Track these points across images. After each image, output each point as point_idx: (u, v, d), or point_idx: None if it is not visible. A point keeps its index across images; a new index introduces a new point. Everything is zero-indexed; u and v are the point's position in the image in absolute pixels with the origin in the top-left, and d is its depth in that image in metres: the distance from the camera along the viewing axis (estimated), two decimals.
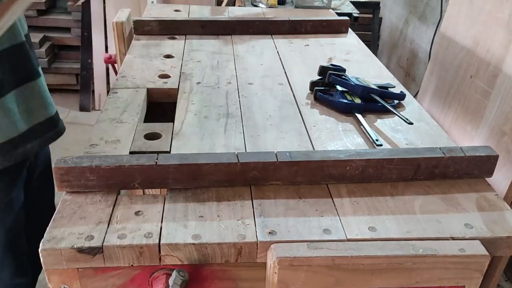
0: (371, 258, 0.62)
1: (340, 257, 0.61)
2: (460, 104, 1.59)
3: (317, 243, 0.63)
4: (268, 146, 0.86)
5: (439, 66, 1.73)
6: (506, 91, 1.36)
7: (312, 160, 0.74)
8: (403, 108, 1.01)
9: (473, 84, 1.52)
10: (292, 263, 0.61)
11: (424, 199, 0.73)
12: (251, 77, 1.14)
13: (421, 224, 0.68)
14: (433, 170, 0.76)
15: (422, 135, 0.90)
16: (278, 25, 1.43)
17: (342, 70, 1.08)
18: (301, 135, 0.90)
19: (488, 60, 1.46)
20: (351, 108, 0.97)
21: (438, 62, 1.74)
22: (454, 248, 0.64)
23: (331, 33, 1.45)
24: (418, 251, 0.62)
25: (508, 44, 1.39)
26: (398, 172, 0.76)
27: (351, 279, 0.63)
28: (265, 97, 1.04)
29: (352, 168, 0.75)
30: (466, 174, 0.77)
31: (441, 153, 0.76)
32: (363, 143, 0.87)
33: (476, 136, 1.49)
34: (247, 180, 0.74)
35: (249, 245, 0.64)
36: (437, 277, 0.64)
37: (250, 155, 0.75)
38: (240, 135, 0.89)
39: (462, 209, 0.71)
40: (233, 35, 1.41)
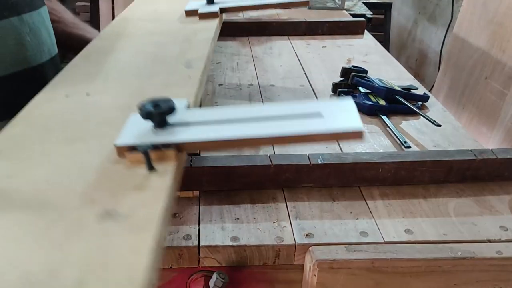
0: (410, 261, 0.62)
1: (379, 260, 0.61)
2: (474, 105, 1.59)
3: (355, 246, 0.63)
4: (296, 148, 0.86)
5: (453, 67, 1.73)
6: None
7: (345, 162, 0.74)
8: (427, 110, 1.01)
9: (488, 85, 1.52)
10: (332, 265, 0.61)
11: (457, 201, 0.73)
12: (272, 78, 1.14)
13: (457, 226, 0.68)
14: (464, 172, 0.76)
15: (448, 137, 0.91)
16: (295, 26, 1.43)
17: (364, 72, 1.08)
18: None
19: (504, 61, 1.46)
20: (376, 109, 0.97)
21: (452, 63, 1.74)
22: (491, 250, 0.64)
23: (348, 34, 1.45)
24: (456, 254, 0.63)
25: None
26: (429, 175, 0.76)
27: (390, 282, 0.63)
28: (288, 98, 1.04)
29: (384, 171, 0.75)
30: (496, 176, 0.77)
31: (473, 155, 0.76)
32: (390, 145, 0.87)
33: (492, 137, 1.49)
34: (279, 182, 0.74)
35: (287, 248, 0.64)
36: (475, 279, 0.64)
37: (282, 158, 0.75)
38: None
39: (496, 211, 0.71)
40: (250, 36, 1.41)
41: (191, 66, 0.74)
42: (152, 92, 0.65)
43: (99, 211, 0.45)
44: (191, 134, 0.54)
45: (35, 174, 0.51)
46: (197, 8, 1.00)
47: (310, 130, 0.52)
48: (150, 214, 0.44)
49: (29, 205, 0.47)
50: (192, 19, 0.97)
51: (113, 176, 0.49)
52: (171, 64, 0.75)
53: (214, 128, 0.55)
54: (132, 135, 0.54)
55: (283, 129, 0.52)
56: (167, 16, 1.01)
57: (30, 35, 0.82)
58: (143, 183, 0.48)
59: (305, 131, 0.52)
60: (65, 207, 0.46)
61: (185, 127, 0.55)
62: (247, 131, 0.53)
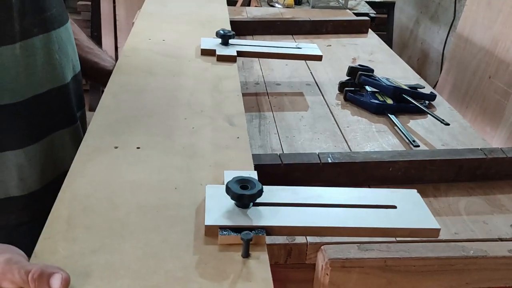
0: (422, 260, 0.61)
1: (391, 259, 0.61)
2: (478, 105, 1.59)
3: (367, 245, 0.63)
4: (305, 147, 0.86)
5: (456, 67, 1.73)
6: None
7: (355, 161, 0.74)
8: (434, 108, 1.01)
9: (492, 85, 1.52)
10: (344, 264, 0.61)
11: (468, 200, 0.73)
12: (278, 77, 1.14)
13: (468, 225, 0.68)
14: (474, 171, 0.76)
15: (456, 136, 0.91)
16: (299, 26, 1.43)
17: (370, 71, 1.08)
18: (335, 135, 0.90)
19: (508, 60, 1.46)
20: (383, 108, 0.97)
21: (455, 63, 1.74)
22: (503, 249, 0.64)
23: (352, 33, 1.45)
24: (469, 253, 0.62)
25: None
26: (439, 174, 0.76)
27: (402, 281, 0.62)
28: (295, 97, 1.04)
29: (394, 170, 0.74)
30: (506, 175, 0.77)
31: (483, 154, 0.76)
32: (399, 144, 0.87)
33: (496, 136, 1.49)
34: (289, 181, 0.74)
35: (299, 247, 0.64)
36: (487, 278, 0.64)
37: (292, 156, 0.75)
38: (275, 136, 0.89)
39: (506, 210, 0.71)
40: (254, 35, 1.41)
41: (234, 123, 0.75)
42: (204, 152, 0.67)
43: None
44: (278, 218, 0.55)
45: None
46: (213, 48, 1.00)
47: (391, 225, 0.56)
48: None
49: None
50: (209, 59, 0.98)
51: (210, 260, 0.50)
52: (212, 117, 0.76)
53: (298, 212, 0.57)
54: (218, 214, 0.55)
55: (366, 222, 0.56)
56: (179, 51, 1.01)
57: (59, 52, 0.76)
58: (248, 272, 0.49)
59: (386, 225, 0.56)
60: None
61: (269, 208, 0.57)
62: (333, 220, 0.56)
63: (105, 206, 0.56)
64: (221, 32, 1.04)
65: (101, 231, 0.52)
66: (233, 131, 0.73)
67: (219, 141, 0.70)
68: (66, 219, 0.53)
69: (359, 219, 0.56)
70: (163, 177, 0.62)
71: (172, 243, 0.51)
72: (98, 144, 0.67)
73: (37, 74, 0.72)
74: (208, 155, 0.67)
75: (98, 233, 0.51)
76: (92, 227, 0.52)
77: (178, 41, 1.06)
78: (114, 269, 0.47)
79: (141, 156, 0.65)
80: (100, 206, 0.55)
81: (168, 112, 0.76)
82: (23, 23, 0.68)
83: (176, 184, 0.61)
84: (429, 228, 0.56)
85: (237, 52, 1.02)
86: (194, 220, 0.54)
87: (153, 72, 0.89)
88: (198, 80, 0.88)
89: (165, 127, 0.72)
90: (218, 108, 0.79)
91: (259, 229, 0.53)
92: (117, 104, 0.78)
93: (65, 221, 0.53)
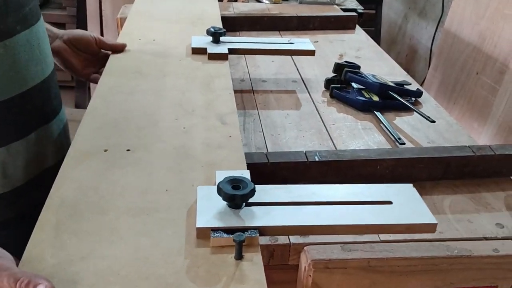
0: (406, 260, 0.61)
1: (375, 259, 0.60)
2: (466, 101, 1.59)
3: (351, 245, 0.62)
4: (290, 145, 0.84)
5: (444, 63, 1.73)
6: None
7: (342, 159, 0.73)
8: (420, 105, 1.01)
9: (480, 81, 1.52)
10: (327, 265, 0.60)
11: (453, 198, 0.73)
12: (264, 74, 1.12)
13: (453, 224, 0.67)
14: (462, 169, 0.75)
15: (443, 133, 0.90)
16: (286, 21, 1.42)
17: (356, 67, 1.07)
18: (321, 133, 0.89)
19: (495, 56, 1.46)
20: (369, 106, 0.96)
21: (443, 59, 1.74)
22: (488, 248, 0.63)
23: (339, 29, 1.43)
24: (453, 252, 0.62)
25: None
26: (427, 171, 0.75)
27: (386, 281, 0.62)
28: (280, 95, 1.03)
29: (382, 168, 0.74)
30: (494, 172, 0.77)
31: (471, 151, 0.75)
32: (384, 141, 0.86)
33: (483, 133, 1.49)
34: (276, 180, 0.72)
35: (281, 247, 0.62)
36: (471, 277, 0.63)
37: (279, 155, 0.73)
38: (260, 134, 0.87)
39: (492, 209, 0.71)
40: (241, 31, 1.39)
41: (226, 122, 0.74)
42: (196, 153, 0.66)
43: None
44: (272, 218, 0.54)
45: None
46: (204, 47, 0.99)
47: (386, 222, 0.55)
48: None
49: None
50: (200, 58, 0.97)
51: (202, 263, 0.49)
52: (204, 117, 0.75)
53: (290, 211, 0.56)
54: (210, 215, 0.54)
55: (361, 219, 0.55)
56: (170, 50, 1.00)
57: (39, 47, 0.74)
58: (241, 275, 0.48)
59: (382, 222, 0.55)
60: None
61: (261, 208, 0.56)
62: (326, 218, 0.55)
63: (94, 211, 0.55)
64: (212, 30, 1.03)
65: (90, 237, 0.51)
66: (225, 130, 0.72)
67: (211, 141, 0.69)
68: (54, 226, 0.52)
69: (355, 216, 0.55)
70: (153, 179, 0.61)
71: (163, 247, 0.50)
72: (87, 147, 0.66)
73: (22, 71, 0.71)
74: (199, 156, 0.66)
75: (87, 239, 0.51)
76: (80, 233, 0.51)
77: (169, 40, 1.05)
78: (104, 275, 0.46)
79: (131, 159, 0.64)
80: (89, 211, 0.54)
81: (159, 113, 0.75)
82: (6, 22, 0.67)
83: (167, 186, 0.59)
84: (426, 223, 0.56)
85: (229, 49, 1.01)
86: (185, 223, 0.54)
87: (143, 72, 0.88)
88: (189, 79, 0.87)
89: (155, 129, 0.71)
90: (210, 107, 0.78)
91: (252, 229, 0.52)
92: (107, 107, 0.77)
93: (53, 228, 0.52)
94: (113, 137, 0.69)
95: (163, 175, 0.62)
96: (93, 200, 0.56)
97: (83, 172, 0.61)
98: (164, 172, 0.62)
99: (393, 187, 0.61)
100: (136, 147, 0.67)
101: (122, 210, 0.55)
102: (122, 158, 0.64)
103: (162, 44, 1.05)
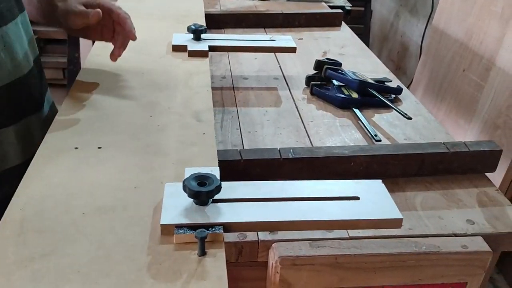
0: (374, 256, 0.61)
1: (343, 256, 0.60)
2: (453, 98, 1.59)
3: (319, 242, 0.62)
4: (266, 142, 0.84)
5: (432, 60, 1.73)
6: (499, 85, 1.37)
7: (316, 156, 0.73)
8: (400, 102, 1.00)
9: (466, 78, 1.52)
10: (295, 262, 0.60)
11: (425, 195, 0.73)
12: (246, 71, 1.12)
13: (423, 220, 0.67)
14: (437, 165, 0.75)
15: (420, 130, 0.90)
16: (272, 19, 1.42)
17: (338, 64, 1.07)
18: (298, 130, 0.89)
19: (481, 53, 1.46)
20: (348, 103, 0.96)
21: (431, 55, 1.74)
22: (457, 244, 0.63)
23: (325, 26, 1.43)
24: (421, 249, 0.62)
25: (501, 37, 1.39)
26: (402, 168, 0.75)
27: (354, 278, 0.62)
28: (261, 92, 1.03)
29: (356, 164, 0.74)
30: (469, 169, 0.77)
31: (445, 148, 0.75)
32: (361, 138, 0.86)
33: (469, 130, 1.49)
34: (250, 177, 0.72)
35: (250, 245, 0.62)
36: (440, 274, 0.63)
37: (253, 152, 0.73)
38: (237, 131, 0.87)
39: (464, 205, 0.71)
40: (226, 28, 1.39)
41: (201, 119, 0.74)
42: (168, 150, 0.66)
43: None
44: (238, 214, 0.54)
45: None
46: (185, 44, 0.99)
47: (352, 217, 0.55)
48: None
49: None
50: (180, 55, 0.97)
51: (164, 260, 0.49)
52: (179, 114, 0.75)
53: (257, 207, 0.56)
54: (175, 212, 0.54)
55: (327, 215, 0.55)
56: (151, 47, 1.00)
57: (4, 51, 0.71)
58: (203, 271, 0.48)
59: (348, 217, 0.55)
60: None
61: (228, 204, 0.56)
62: (293, 214, 0.55)
63: (60, 208, 0.54)
64: (193, 27, 1.03)
65: (54, 235, 0.51)
66: (199, 127, 0.72)
67: (185, 138, 0.69)
68: (19, 223, 0.52)
69: (320, 212, 0.56)
70: (123, 177, 0.61)
71: (127, 244, 0.50)
72: (58, 145, 0.66)
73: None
74: (172, 153, 0.66)
75: (51, 236, 0.51)
76: (45, 231, 0.51)
77: (150, 38, 1.05)
78: (64, 273, 0.47)
79: (102, 156, 0.64)
80: (56, 209, 0.54)
81: (134, 111, 0.75)
82: None
83: (136, 184, 0.59)
84: (392, 218, 0.56)
85: (209, 47, 1.01)
86: (151, 220, 0.54)
87: (122, 70, 0.88)
88: (168, 76, 0.87)
89: (130, 126, 0.71)
90: (187, 104, 0.78)
91: (216, 226, 0.52)
92: (82, 104, 0.77)
93: (18, 225, 0.52)
94: (86, 134, 0.69)
95: (133, 172, 0.62)
96: (61, 198, 0.56)
97: (52, 170, 0.61)
98: (134, 170, 0.62)
99: (362, 183, 0.61)
100: (109, 144, 0.67)
101: (89, 208, 0.55)
102: (93, 156, 0.64)
103: (144, 41, 1.04)
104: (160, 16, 1.19)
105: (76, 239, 0.50)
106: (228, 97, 1.00)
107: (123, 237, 0.51)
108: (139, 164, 0.63)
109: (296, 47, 1.05)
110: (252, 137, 0.86)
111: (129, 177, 0.60)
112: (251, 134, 0.86)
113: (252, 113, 0.94)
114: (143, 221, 0.54)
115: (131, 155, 0.65)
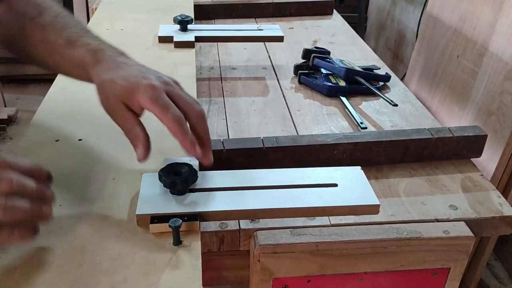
0: (355, 243, 0.61)
1: (323, 243, 0.60)
2: (447, 85, 1.58)
3: (300, 229, 0.62)
4: (252, 131, 0.84)
5: (426, 47, 1.72)
6: (492, 70, 1.36)
7: (299, 145, 0.73)
8: (389, 90, 1.00)
9: (460, 64, 1.51)
10: (275, 250, 0.60)
11: (409, 181, 0.72)
12: (234, 61, 1.12)
13: (406, 206, 0.67)
14: (421, 151, 0.75)
15: (407, 117, 0.89)
16: (262, 8, 1.41)
17: (326, 53, 1.06)
18: (284, 119, 0.88)
19: (475, 39, 1.44)
20: (336, 91, 0.95)
21: (425, 43, 1.73)
22: (439, 230, 0.63)
23: (316, 15, 1.42)
24: (402, 234, 0.62)
25: (495, 22, 1.38)
26: (386, 155, 0.75)
27: (335, 265, 0.62)
28: (248, 82, 1.03)
29: (339, 152, 0.73)
30: (454, 155, 0.76)
31: (429, 134, 0.75)
32: (348, 126, 0.86)
33: (464, 116, 1.48)
34: (233, 167, 0.72)
35: (231, 234, 0.63)
36: (422, 259, 0.63)
37: (235, 142, 0.73)
38: (223, 121, 0.87)
39: (447, 191, 0.71)
40: (216, 19, 1.38)
41: None
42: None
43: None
44: (214, 203, 0.55)
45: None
46: (171, 35, 0.98)
47: (329, 204, 0.55)
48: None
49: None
50: (167, 46, 0.97)
51: (139, 250, 0.49)
52: None
53: (234, 196, 0.56)
54: (151, 203, 0.54)
55: (304, 202, 0.55)
56: (138, 39, 0.99)
57: None
58: (177, 260, 0.48)
59: (325, 204, 0.55)
60: None
61: (205, 194, 0.56)
62: (270, 202, 0.55)
63: None
64: (179, 18, 1.02)
65: None
66: None
67: (166, 129, 0.68)
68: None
69: (297, 199, 0.56)
70: (102, 168, 0.61)
71: (102, 235, 0.51)
72: (39, 138, 0.67)
73: None
74: (153, 144, 0.65)
75: None
76: None
77: (137, 30, 1.05)
78: (39, 265, 0.47)
79: (82, 148, 0.65)
80: None
81: None
82: None
83: (115, 175, 0.60)
84: (369, 204, 0.56)
85: (196, 37, 1.00)
86: (128, 210, 0.54)
87: None
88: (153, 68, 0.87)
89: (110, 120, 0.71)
90: None
91: (192, 215, 0.52)
92: (65, 97, 0.77)
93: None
94: (67, 127, 0.69)
95: (112, 163, 0.62)
96: None
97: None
98: (113, 161, 0.62)
99: (340, 170, 0.61)
100: (89, 136, 0.67)
101: (66, 200, 0.55)
102: (73, 148, 0.65)
103: (130, 33, 1.04)
104: (148, 8, 1.18)
105: (51, 230, 0.51)
106: (216, 87, 0.99)
107: (98, 228, 0.52)
108: (118, 155, 0.63)
109: (283, 36, 1.05)
110: (238, 127, 0.85)
111: (108, 169, 0.61)
112: (237, 124, 0.86)
113: (239, 103, 0.93)
114: (120, 212, 0.54)
115: (112, 146, 0.65)
